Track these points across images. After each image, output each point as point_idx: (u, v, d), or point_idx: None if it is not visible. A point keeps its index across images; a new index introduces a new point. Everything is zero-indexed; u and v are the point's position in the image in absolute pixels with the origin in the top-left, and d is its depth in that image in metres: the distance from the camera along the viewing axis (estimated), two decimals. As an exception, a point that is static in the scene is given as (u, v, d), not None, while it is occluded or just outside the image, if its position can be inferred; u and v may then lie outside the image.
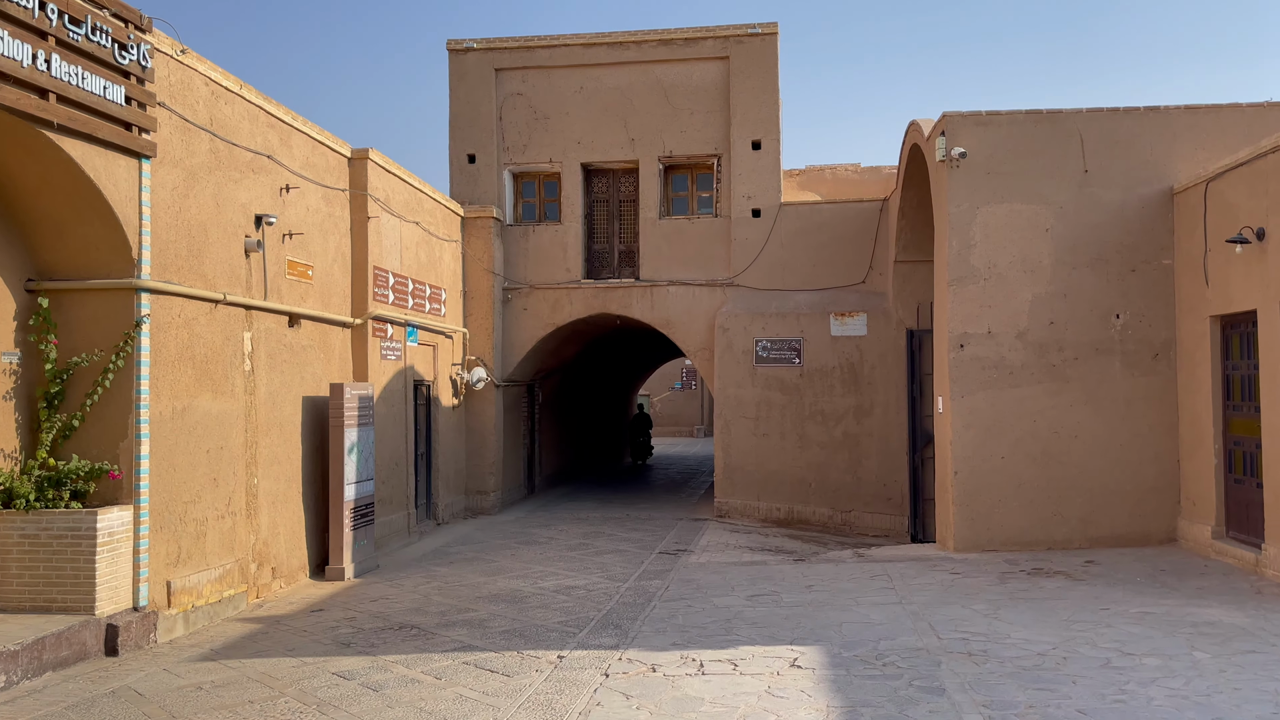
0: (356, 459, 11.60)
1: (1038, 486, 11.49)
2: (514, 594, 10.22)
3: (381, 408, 13.09)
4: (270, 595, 10.36)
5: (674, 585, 10.31)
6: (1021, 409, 11.53)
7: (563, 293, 17.31)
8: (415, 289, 14.41)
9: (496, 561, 12.25)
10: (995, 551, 11.42)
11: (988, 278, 11.61)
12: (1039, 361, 11.54)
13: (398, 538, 13.50)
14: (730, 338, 16.43)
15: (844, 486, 15.98)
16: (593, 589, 10.35)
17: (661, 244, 17.13)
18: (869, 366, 15.95)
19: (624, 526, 15.29)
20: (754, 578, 10.54)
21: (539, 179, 17.88)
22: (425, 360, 14.95)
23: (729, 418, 16.36)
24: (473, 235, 16.86)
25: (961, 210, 11.63)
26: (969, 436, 11.55)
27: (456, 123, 17.55)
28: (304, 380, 11.36)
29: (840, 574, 10.55)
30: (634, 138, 17.18)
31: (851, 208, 16.55)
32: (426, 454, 15.23)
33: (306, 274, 11.43)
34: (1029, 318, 11.57)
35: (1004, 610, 8.60)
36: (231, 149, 9.90)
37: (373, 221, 12.84)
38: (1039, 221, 11.58)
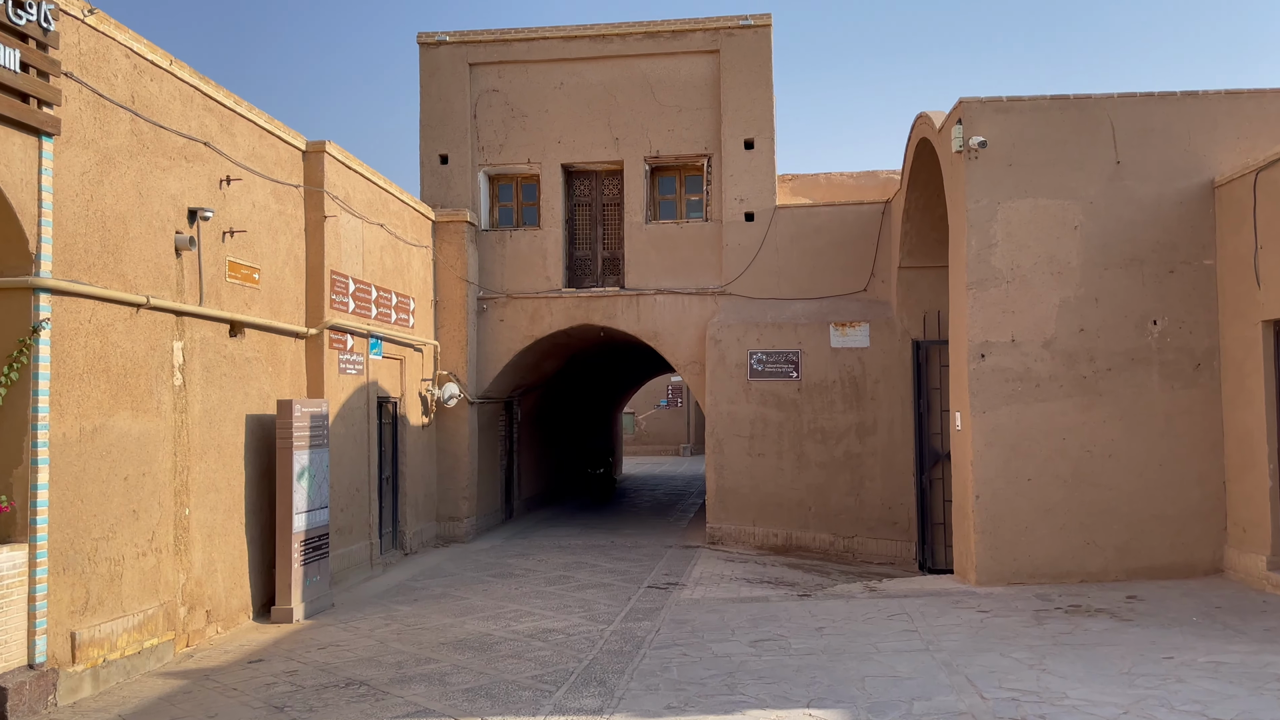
0: (308, 485, 10.33)
1: (1068, 511, 10.34)
2: (483, 639, 8.95)
3: (340, 427, 11.82)
4: (204, 642, 9.06)
5: (665, 628, 9.08)
6: (1049, 425, 10.39)
7: (542, 302, 16.11)
8: (380, 297, 13.18)
9: (466, 599, 10.97)
10: (1022, 585, 10.24)
11: (1010, 280, 10.49)
12: (1068, 373, 10.41)
13: (358, 571, 12.20)
14: (722, 350, 15.26)
15: (846, 510, 14.80)
16: (573, 633, 9.09)
17: (648, 250, 15.97)
18: (872, 380, 14.81)
19: (609, 555, 14.04)
20: (756, 618, 9.32)
21: (516, 181, 16.70)
22: (391, 375, 13.70)
23: (721, 436, 15.18)
24: (445, 241, 15.65)
25: (981, 206, 10.52)
26: (991, 456, 10.40)
27: (428, 121, 16.38)
28: (248, 397, 10.10)
29: (854, 613, 9.34)
30: (618, 137, 16.05)
31: (851, 211, 15.45)
32: (393, 478, 13.95)
33: (252, 277, 10.19)
34: (1056, 324, 10.45)
35: (1050, 660, 7.41)
36: (159, 132, 8.68)
37: (330, 221, 11.62)
38: (1067, 218, 10.48)
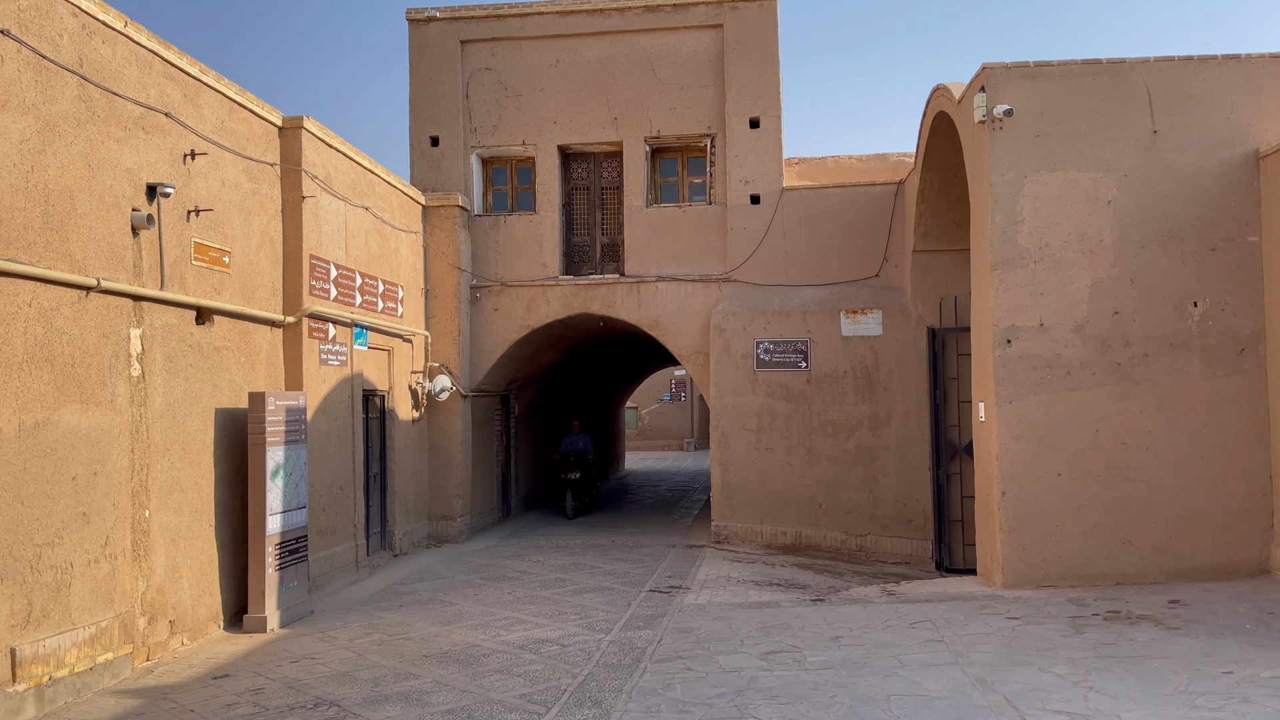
0: (284, 483, 9.60)
1: (1102, 509, 9.59)
2: (470, 651, 8.23)
3: (321, 422, 11.10)
4: (167, 656, 8.34)
5: (668, 637, 8.35)
6: (1081, 416, 9.64)
7: (538, 291, 15.37)
8: (365, 284, 12.44)
9: (456, 604, 10.25)
10: (1053, 587, 9.50)
11: (1039, 260, 9.74)
12: (1101, 359, 9.66)
13: (342, 574, 11.48)
14: (728, 339, 14.51)
15: (858, 507, 14.06)
16: (568, 644, 8.37)
17: (649, 235, 15.22)
18: (885, 370, 14.06)
19: (608, 556, 13.31)
20: (766, 626, 8.58)
21: (511, 164, 15.95)
22: (378, 367, 12.97)
23: (727, 430, 14.43)
24: (435, 226, 14.91)
25: (1006, 180, 9.76)
26: (1019, 449, 9.65)
27: (417, 101, 15.63)
28: (218, 389, 9.37)
29: (872, 620, 8.60)
30: (617, 117, 15.29)
31: (863, 192, 14.68)
32: (381, 475, 13.23)
33: (221, 260, 9.46)
34: (1089, 307, 9.69)
35: (1097, 676, 6.67)
36: (112, 100, 7.94)
37: (309, 202, 10.88)
38: (1099, 192, 9.72)
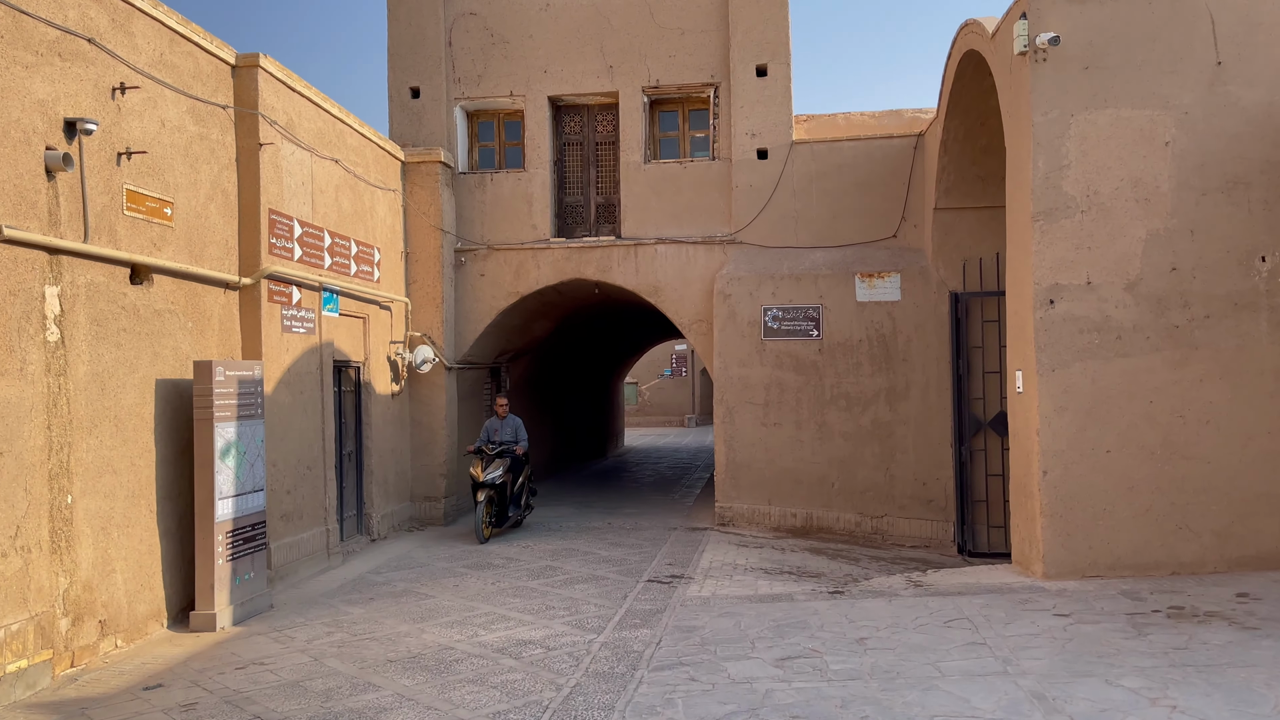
0: (236, 464, 8.54)
1: (1156, 489, 8.53)
2: (441, 656, 7.19)
3: (284, 395, 10.03)
4: (97, 660, 7.31)
5: (668, 638, 7.31)
6: (1134, 386, 8.55)
7: (528, 254, 14.25)
8: (336, 245, 11.33)
9: (432, 596, 9.22)
10: (1100, 578, 8.46)
11: (1086, 210, 8.61)
12: (1157, 322, 8.56)
13: (311, 562, 10.45)
14: (733, 306, 13.41)
15: (874, 487, 13.01)
16: (553, 646, 7.33)
17: (647, 194, 14.08)
18: (904, 339, 12.96)
19: (604, 540, 12.28)
20: (780, 624, 7.54)
21: (498, 117, 14.78)
22: (352, 336, 11.88)
23: (732, 404, 13.36)
24: (416, 184, 13.77)
25: (1050, 120, 8.62)
26: (1063, 423, 8.57)
27: (396, 50, 14.44)
28: (159, 357, 8.29)
29: (900, 617, 7.56)
30: (612, 65, 14.11)
31: (879, 146, 13.52)
32: (356, 453, 12.18)
33: (162, 212, 8.35)
34: (1143, 262, 8.58)
35: (1176, 690, 5.62)
36: (19, 19, 6.80)
37: (268, 150, 9.75)
38: (1155, 132, 8.59)
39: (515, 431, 12.96)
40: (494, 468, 12.22)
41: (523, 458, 12.84)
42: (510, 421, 13.06)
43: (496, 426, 12.99)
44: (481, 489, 12.15)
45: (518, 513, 12.86)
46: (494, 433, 12.91)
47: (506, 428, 13.00)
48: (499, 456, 12.41)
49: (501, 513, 12.47)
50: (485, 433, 12.95)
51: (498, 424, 13.03)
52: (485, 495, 12.09)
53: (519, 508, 12.95)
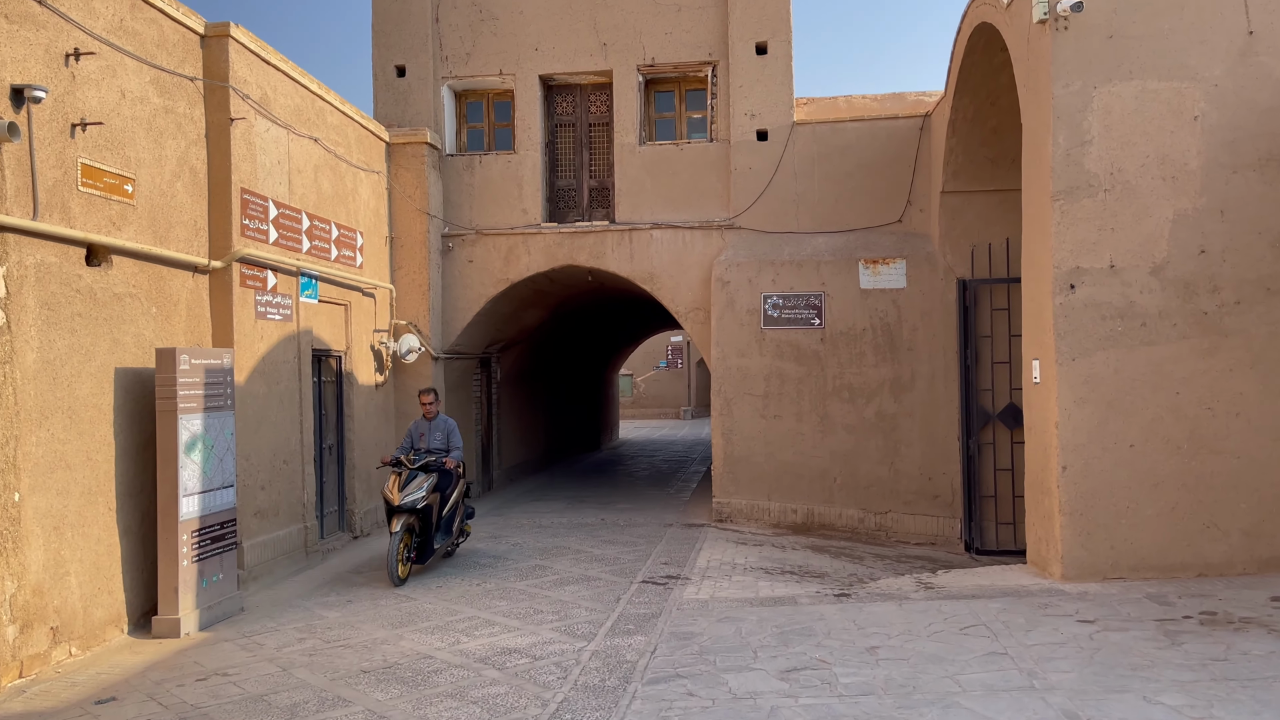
0: (203, 458, 8.00)
1: (1183, 486, 8.03)
2: (419, 665, 6.67)
3: (259, 385, 9.48)
4: (48, 670, 6.78)
5: (664, 646, 6.79)
6: (1159, 376, 8.05)
7: (518, 240, 13.70)
8: (315, 228, 10.77)
9: (413, 598, 8.70)
10: (1123, 580, 7.95)
11: (1109, 189, 8.09)
12: (1184, 308, 8.05)
13: (288, 561, 9.92)
14: (731, 293, 12.88)
15: (878, 481, 12.51)
16: (540, 655, 6.81)
17: (643, 177, 13.53)
18: (909, 327, 12.45)
19: (597, 537, 11.76)
20: (784, 630, 7.03)
21: (487, 97, 14.22)
22: (332, 323, 11.33)
23: (730, 395, 12.84)
24: (401, 166, 13.21)
25: (1071, 92, 8.09)
26: (1083, 416, 8.06)
27: (381, 26, 13.87)
28: (120, 345, 7.74)
29: (913, 623, 7.05)
30: (606, 42, 13.55)
31: (884, 127, 12.98)
32: (337, 447, 11.65)
33: (122, 189, 7.79)
34: (1169, 245, 8.06)
35: (1222, 708, 5.12)
36: (-44, -27, 6.24)
37: (240, 126, 9.19)
38: (1183, 106, 8.06)
39: (447, 437, 10.19)
40: (415, 486, 9.38)
41: (455, 471, 10.07)
42: (441, 424, 10.28)
43: (423, 430, 10.27)
44: (397, 515, 9.25)
45: (447, 542, 10.00)
46: (419, 438, 10.23)
47: (436, 432, 10.21)
48: (423, 471, 9.61)
49: (425, 544, 9.60)
50: (408, 438, 10.31)
51: (425, 427, 10.29)
52: (402, 523, 9.18)
53: (449, 535, 10.01)
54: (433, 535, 9.66)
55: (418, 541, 9.51)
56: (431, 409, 10.27)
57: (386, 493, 9.38)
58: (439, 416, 10.33)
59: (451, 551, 10.52)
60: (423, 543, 9.57)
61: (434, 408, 10.28)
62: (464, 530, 10.58)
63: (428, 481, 9.50)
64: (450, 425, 10.27)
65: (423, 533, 9.55)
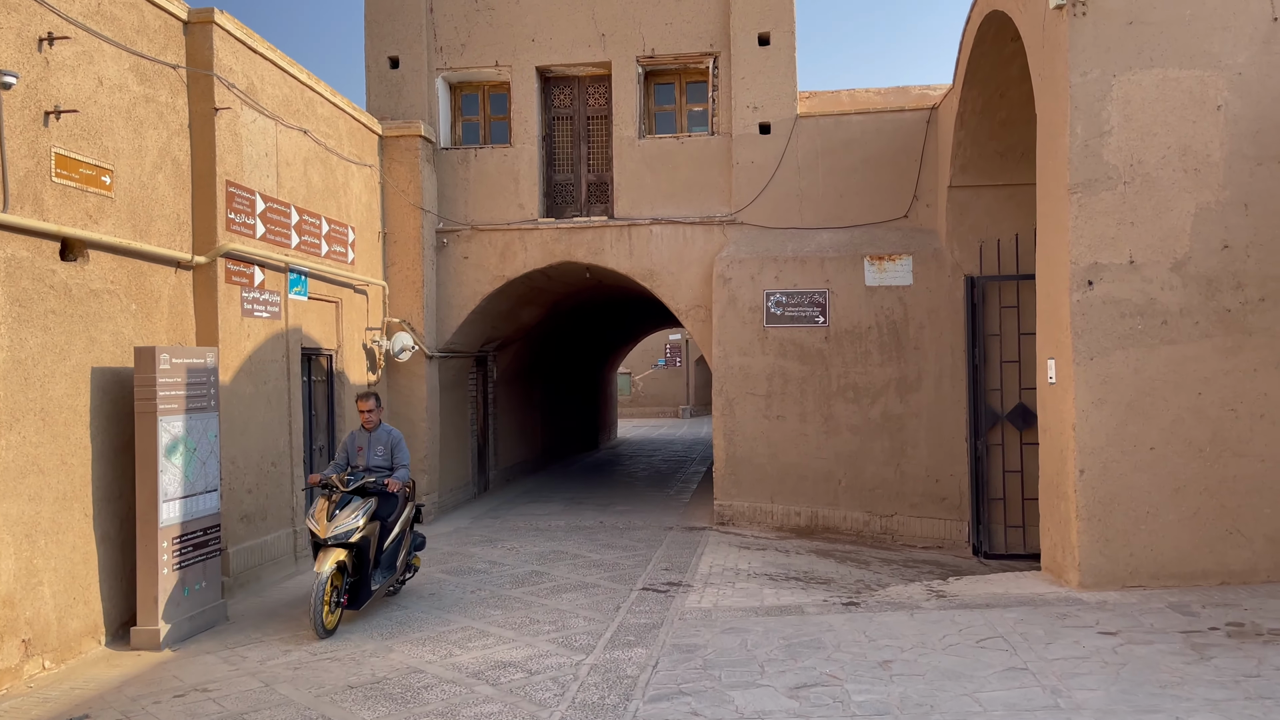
0: (184, 461, 7.67)
1: (1205, 490, 7.72)
2: (408, 680, 6.35)
3: (245, 385, 9.16)
4: (19, 685, 6.45)
5: (666, 660, 6.48)
6: (1180, 376, 7.74)
7: (515, 236, 13.37)
8: (304, 222, 10.45)
9: (404, 607, 8.38)
10: (1143, 588, 7.65)
11: (1129, 181, 7.77)
12: (1207, 305, 7.74)
13: (275, 567, 9.60)
14: (733, 290, 12.56)
15: (883, 483, 12.19)
16: (536, 669, 6.49)
17: (642, 171, 13.20)
18: (916, 326, 12.13)
19: (595, 541, 11.45)
20: (791, 642, 6.72)
21: (483, 89, 13.88)
22: (323, 321, 11.00)
23: (732, 395, 12.52)
24: (394, 160, 12.87)
25: (1090, 80, 7.77)
26: (1101, 417, 7.75)
27: (374, 16, 13.53)
28: (97, 344, 7.41)
29: (926, 635, 6.74)
30: (605, 33, 13.21)
31: (890, 120, 12.66)
32: (328, 448, 11.32)
33: (99, 180, 7.46)
34: (1192, 240, 7.75)
35: (1263, 732, 4.81)
36: (-82, -49, 5.91)
37: (224, 116, 8.86)
38: (1206, 95, 7.75)
39: (390, 452, 8.45)
40: (349, 515, 7.63)
41: (401, 494, 8.41)
42: (384, 436, 8.50)
43: (361, 444, 8.49)
44: (325, 550, 7.52)
45: (389, 580, 8.22)
46: (356, 454, 8.47)
47: (377, 446, 8.45)
48: (359, 495, 7.88)
49: (360, 586, 7.80)
50: (343, 453, 8.55)
51: (364, 439, 8.50)
52: (332, 562, 7.40)
53: (391, 571, 8.21)
54: (370, 574, 7.82)
55: (350, 582, 7.72)
56: (371, 418, 8.45)
57: (311, 522, 7.65)
58: (381, 427, 8.56)
59: (396, 589, 8.74)
60: (357, 583, 7.77)
61: (374, 416, 8.46)
62: (411, 565, 8.83)
63: (364, 508, 7.74)
64: (395, 438, 8.52)
65: (357, 571, 7.78)
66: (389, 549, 8.19)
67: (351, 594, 7.76)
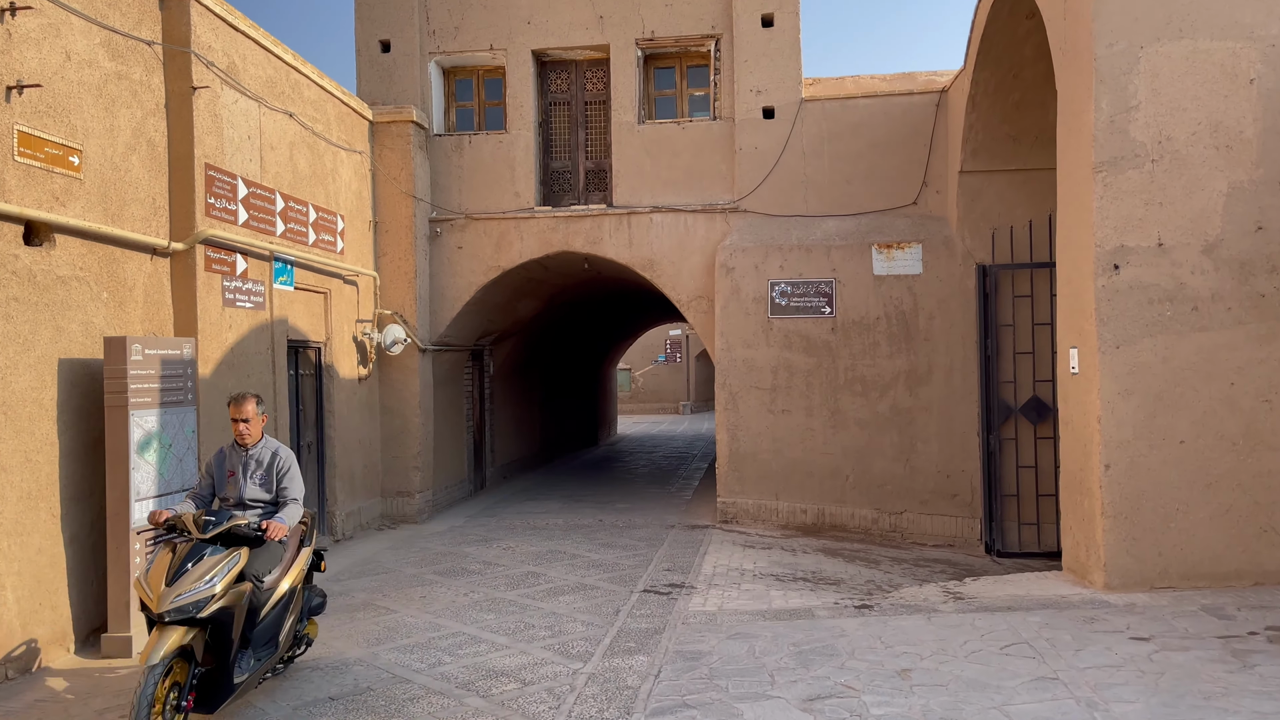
0: (159, 459, 7.26)
1: (1238, 486, 7.30)
2: (393, 689, 5.94)
3: (227, 378, 8.74)
4: (-23, 698, 6.03)
5: (669, 669, 6.06)
6: (1212, 365, 7.32)
7: (510, 225, 12.94)
8: (290, 209, 10.02)
9: (394, 611, 7.96)
10: (1173, 590, 7.23)
11: (1157, 159, 7.35)
12: (1240, 290, 7.32)
13: (260, 569, 9.16)
14: (736, 280, 12.14)
15: (892, 479, 11.78)
16: (530, 680, 6.08)
17: (642, 158, 12.78)
18: (925, 316, 11.72)
19: (594, 540, 11.04)
20: (802, 649, 6.30)
21: (477, 74, 13.45)
22: (311, 313, 10.59)
23: (735, 389, 12.10)
24: (386, 146, 12.44)
25: (1116, 52, 7.35)
26: (1128, 409, 7.33)
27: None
28: (64, 334, 6.99)
29: (946, 641, 6.32)
30: (602, 15, 12.78)
31: (898, 103, 12.23)
32: (316, 444, 10.91)
33: (67, 161, 7.04)
34: (1223, 220, 7.33)
35: (1324, 750, 4.40)
36: None
37: (204, 95, 8.43)
38: (1238, 67, 7.33)
39: (272, 479, 6.00)
40: (202, 576, 5.15)
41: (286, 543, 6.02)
42: (267, 456, 6.04)
43: (234, 465, 6.03)
44: (161, 630, 5.05)
45: (266, 664, 5.69)
46: (225, 480, 6.03)
47: (254, 470, 6.01)
48: (220, 544, 5.35)
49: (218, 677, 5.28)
50: (208, 478, 6.09)
51: (238, 460, 6.03)
52: (170, 647, 4.96)
53: (272, 649, 5.76)
54: (233, 661, 5.30)
55: (200, 673, 5.23)
56: (250, 430, 5.95)
57: (143, 585, 5.17)
58: (264, 443, 6.06)
59: (279, 669, 6.09)
60: (212, 674, 5.26)
61: (254, 427, 5.97)
62: (302, 636, 6.28)
63: (227, 565, 5.21)
64: (283, 459, 6.02)
65: (216, 655, 5.24)
66: (267, 620, 5.66)
67: (202, 690, 5.23)
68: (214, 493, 6.07)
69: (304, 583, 6.27)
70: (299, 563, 6.10)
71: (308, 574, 6.32)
